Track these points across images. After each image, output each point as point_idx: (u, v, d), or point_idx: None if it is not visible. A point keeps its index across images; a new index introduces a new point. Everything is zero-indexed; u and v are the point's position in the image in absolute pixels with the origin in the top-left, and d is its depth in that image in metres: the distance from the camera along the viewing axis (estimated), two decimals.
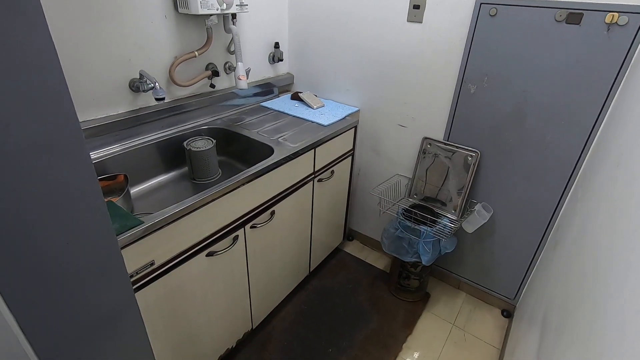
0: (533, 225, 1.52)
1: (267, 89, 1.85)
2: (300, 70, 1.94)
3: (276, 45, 1.81)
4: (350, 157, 1.81)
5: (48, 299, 0.54)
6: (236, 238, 1.22)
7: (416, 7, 1.46)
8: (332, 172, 1.68)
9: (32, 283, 0.51)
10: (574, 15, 1.17)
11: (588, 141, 1.29)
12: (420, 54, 1.53)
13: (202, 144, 1.32)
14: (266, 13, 1.71)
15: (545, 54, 1.25)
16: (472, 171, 1.54)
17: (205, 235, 1.10)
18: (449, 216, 1.64)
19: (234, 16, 1.47)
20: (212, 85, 1.55)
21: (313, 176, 1.54)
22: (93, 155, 1.19)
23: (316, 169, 1.54)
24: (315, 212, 1.67)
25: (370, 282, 1.92)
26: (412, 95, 1.62)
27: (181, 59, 1.37)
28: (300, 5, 1.77)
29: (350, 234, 2.23)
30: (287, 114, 1.69)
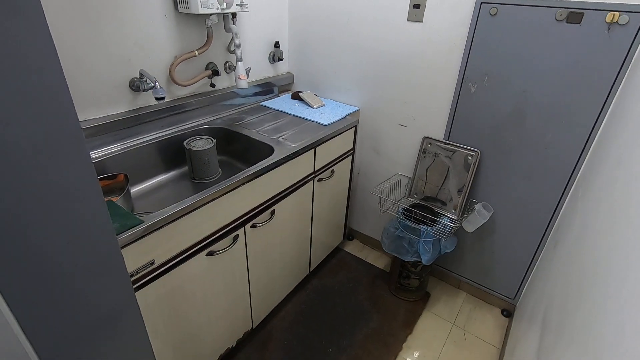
0: (533, 224, 1.52)
1: (267, 89, 1.85)
2: (300, 69, 1.94)
3: (276, 44, 1.81)
4: (350, 157, 1.81)
5: (48, 299, 0.54)
6: (236, 237, 1.22)
7: (416, 7, 1.45)
8: (332, 172, 1.68)
9: (33, 283, 0.51)
10: (575, 14, 1.16)
11: (588, 141, 1.29)
12: (420, 54, 1.53)
13: (202, 144, 1.32)
14: (266, 12, 1.70)
15: (545, 54, 1.25)
16: (472, 171, 1.54)
17: (205, 234, 1.10)
18: (449, 216, 1.64)
19: (234, 15, 1.47)
20: (212, 84, 1.55)
21: (313, 176, 1.54)
22: (93, 154, 1.19)
23: (316, 169, 1.54)
24: (315, 212, 1.67)
25: (370, 282, 1.92)
26: (413, 94, 1.62)
27: (181, 59, 1.37)
28: (300, 4, 1.77)
29: (350, 234, 2.23)
30: (287, 114, 1.69)
